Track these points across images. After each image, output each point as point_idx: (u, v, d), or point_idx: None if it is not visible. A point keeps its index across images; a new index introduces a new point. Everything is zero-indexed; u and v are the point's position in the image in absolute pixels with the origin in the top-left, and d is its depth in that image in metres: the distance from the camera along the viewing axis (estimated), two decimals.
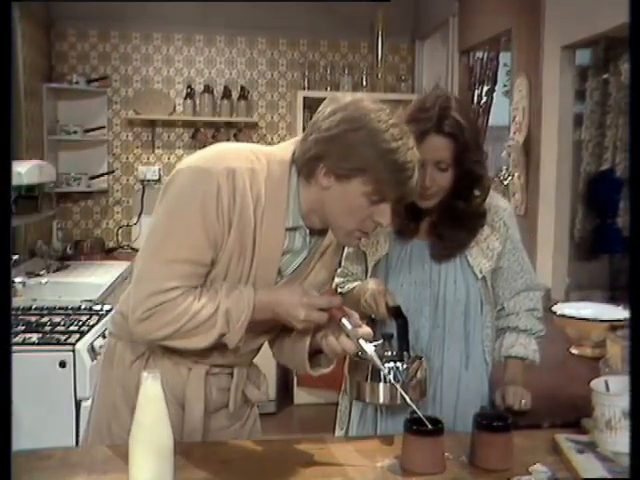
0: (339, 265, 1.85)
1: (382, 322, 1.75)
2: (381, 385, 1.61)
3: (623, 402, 1.39)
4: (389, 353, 1.62)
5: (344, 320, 1.43)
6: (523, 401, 1.81)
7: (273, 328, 1.59)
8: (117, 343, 1.62)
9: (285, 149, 1.50)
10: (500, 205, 1.85)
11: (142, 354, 1.57)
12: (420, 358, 1.67)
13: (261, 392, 1.69)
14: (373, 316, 1.72)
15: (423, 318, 1.80)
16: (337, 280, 1.87)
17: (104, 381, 1.64)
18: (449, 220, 1.78)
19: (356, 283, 1.84)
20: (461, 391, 1.83)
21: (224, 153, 1.46)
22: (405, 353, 1.64)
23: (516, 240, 1.87)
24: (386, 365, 1.58)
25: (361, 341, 1.45)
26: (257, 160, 1.45)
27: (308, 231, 1.51)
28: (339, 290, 1.87)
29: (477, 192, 1.79)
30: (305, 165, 1.44)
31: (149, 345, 1.55)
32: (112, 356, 1.62)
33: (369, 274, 1.85)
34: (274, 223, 1.46)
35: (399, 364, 1.61)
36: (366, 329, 1.46)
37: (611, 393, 1.47)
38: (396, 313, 1.67)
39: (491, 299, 1.86)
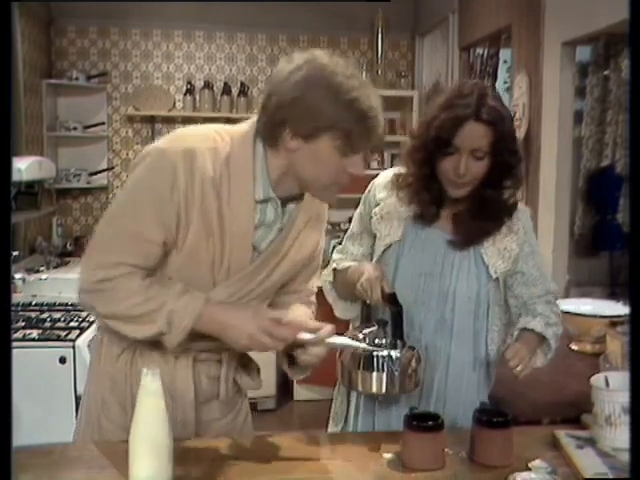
0: (339, 243, 1.84)
1: (377, 308, 1.71)
2: (374, 374, 1.59)
3: (623, 398, 1.39)
4: (383, 341, 1.61)
5: (302, 335, 1.44)
6: (519, 367, 1.61)
7: None
8: (104, 336, 1.60)
9: (248, 123, 1.51)
10: (519, 208, 1.81)
11: (128, 347, 1.55)
12: (414, 348, 1.65)
13: (252, 379, 1.68)
14: (368, 301, 1.67)
15: (429, 311, 1.75)
16: (335, 256, 1.88)
17: (93, 375, 1.63)
18: (477, 210, 1.74)
19: (352, 262, 1.81)
20: (466, 388, 1.79)
21: (186, 135, 1.49)
22: (399, 341, 1.62)
23: (534, 244, 1.83)
24: (379, 354, 1.58)
25: (329, 341, 1.46)
26: (221, 139, 1.47)
27: (280, 202, 1.51)
28: (334, 266, 1.85)
29: (508, 183, 1.75)
30: (269, 132, 1.45)
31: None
32: (100, 350, 1.61)
33: (375, 258, 1.80)
34: (243, 197, 1.46)
35: (392, 352, 1.59)
36: (327, 328, 1.47)
37: (611, 389, 1.47)
38: (391, 300, 1.63)
39: (501, 302, 1.81)
